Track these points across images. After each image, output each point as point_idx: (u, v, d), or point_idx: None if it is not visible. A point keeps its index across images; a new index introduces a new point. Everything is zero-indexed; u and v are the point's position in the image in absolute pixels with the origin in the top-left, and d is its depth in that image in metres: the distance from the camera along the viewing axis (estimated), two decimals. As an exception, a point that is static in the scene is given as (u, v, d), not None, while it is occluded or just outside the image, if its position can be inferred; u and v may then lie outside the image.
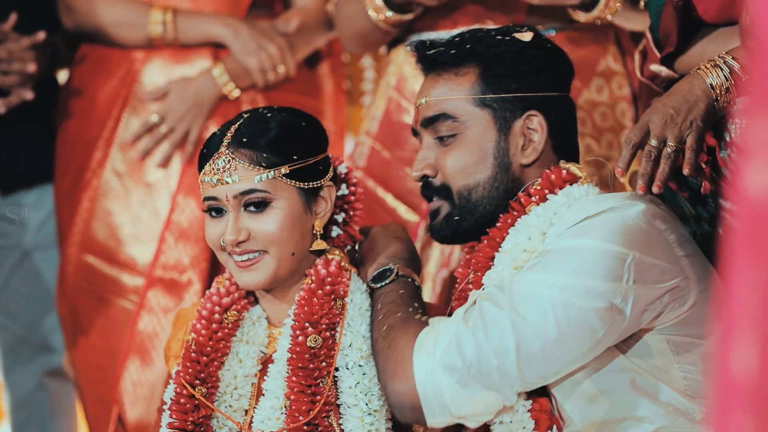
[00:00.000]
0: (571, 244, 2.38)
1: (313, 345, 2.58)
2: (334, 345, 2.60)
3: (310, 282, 2.63)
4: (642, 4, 2.91)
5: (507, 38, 2.61)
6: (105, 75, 3.73)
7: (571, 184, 2.54)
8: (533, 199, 2.52)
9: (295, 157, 2.61)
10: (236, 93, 3.70)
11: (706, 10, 2.76)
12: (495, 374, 2.32)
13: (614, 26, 3.44)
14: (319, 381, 2.58)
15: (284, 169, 2.59)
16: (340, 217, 2.75)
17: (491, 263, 2.53)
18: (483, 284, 2.50)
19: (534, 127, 2.58)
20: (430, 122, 2.61)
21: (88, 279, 3.71)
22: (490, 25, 3.41)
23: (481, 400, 2.34)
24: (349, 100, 4.17)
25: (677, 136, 2.51)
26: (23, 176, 3.82)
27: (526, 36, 2.61)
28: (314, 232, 2.66)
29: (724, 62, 2.55)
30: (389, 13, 3.38)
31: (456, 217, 2.59)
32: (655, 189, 2.49)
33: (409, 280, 2.58)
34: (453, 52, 2.61)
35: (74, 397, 3.97)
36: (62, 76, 3.93)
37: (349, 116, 4.19)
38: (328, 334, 2.59)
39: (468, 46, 2.60)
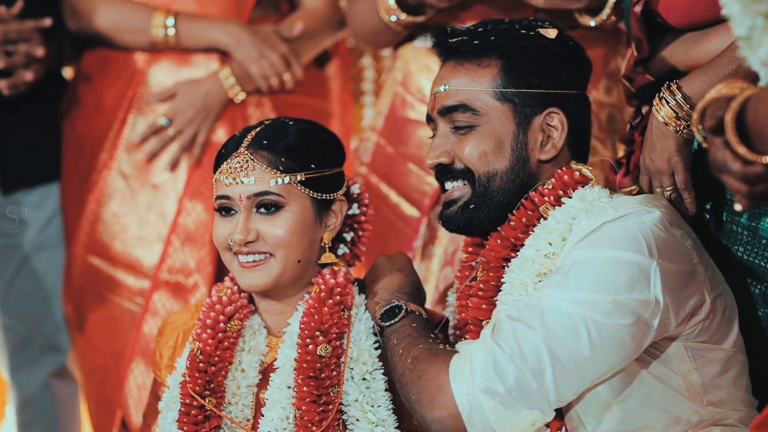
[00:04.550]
0: (593, 256, 2.38)
1: (323, 354, 2.60)
2: (342, 354, 2.62)
3: (318, 291, 2.65)
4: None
5: (531, 33, 2.61)
6: (111, 76, 3.72)
7: (582, 186, 2.55)
8: (546, 199, 2.54)
9: (312, 166, 2.65)
10: (241, 97, 3.68)
11: (669, 16, 2.83)
12: (535, 395, 2.35)
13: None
14: (329, 390, 2.60)
15: (300, 176, 2.63)
16: (348, 236, 2.78)
17: (504, 264, 2.55)
18: (503, 288, 2.51)
19: (554, 124, 2.59)
20: (448, 111, 2.61)
21: (92, 280, 3.71)
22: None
23: (525, 420, 2.37)
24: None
25: (668, 182, 2.60)
26: (25, 175, 3.79)
27: (551, 33, 2.61)
28: (322, 244, 2.69)
29: (670, 92, 2.60)
30: (402, 15, 3.37)
31: (472, 206, 2.59)
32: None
33: (417, 314, 2.58)
34: (476, 42, 2.60)
35: (79, 397, 3.97)
36: (67, 75, 3.91)
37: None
38: (337, 343, 2.62)
39: (492, 38, 2.60)
